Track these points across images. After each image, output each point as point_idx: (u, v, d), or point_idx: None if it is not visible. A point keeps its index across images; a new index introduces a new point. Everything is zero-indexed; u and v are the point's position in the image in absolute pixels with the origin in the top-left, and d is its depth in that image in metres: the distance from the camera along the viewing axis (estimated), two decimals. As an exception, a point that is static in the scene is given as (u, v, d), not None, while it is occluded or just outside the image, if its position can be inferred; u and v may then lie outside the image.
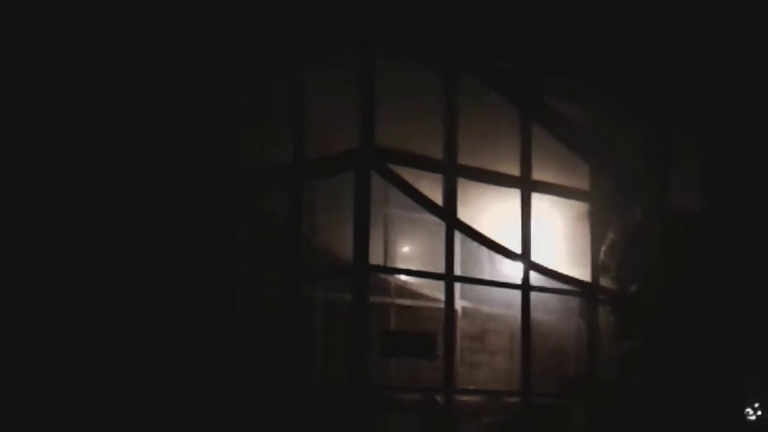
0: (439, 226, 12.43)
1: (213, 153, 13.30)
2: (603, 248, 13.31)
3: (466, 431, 12.23)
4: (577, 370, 13.37)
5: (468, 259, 12.90)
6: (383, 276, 12.75)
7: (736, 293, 13.69)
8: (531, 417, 12.49)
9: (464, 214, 12.44)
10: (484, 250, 12.79)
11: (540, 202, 13.15)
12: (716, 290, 13.43)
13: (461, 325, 13.04)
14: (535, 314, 12.89)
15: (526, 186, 13.00)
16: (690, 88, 13.61)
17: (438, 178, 12.40)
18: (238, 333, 12.87)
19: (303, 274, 12.48)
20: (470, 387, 12.71)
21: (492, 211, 12.86)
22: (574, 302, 13.51)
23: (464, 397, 12.36)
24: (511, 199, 12.97)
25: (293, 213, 12.60)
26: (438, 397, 11.94)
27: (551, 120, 13.29)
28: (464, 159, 12.51)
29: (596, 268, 13.37)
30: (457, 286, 12.71)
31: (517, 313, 12.85)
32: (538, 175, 13.12)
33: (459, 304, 12.97)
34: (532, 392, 12.58)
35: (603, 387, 12.99)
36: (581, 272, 13.34)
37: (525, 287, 12.77)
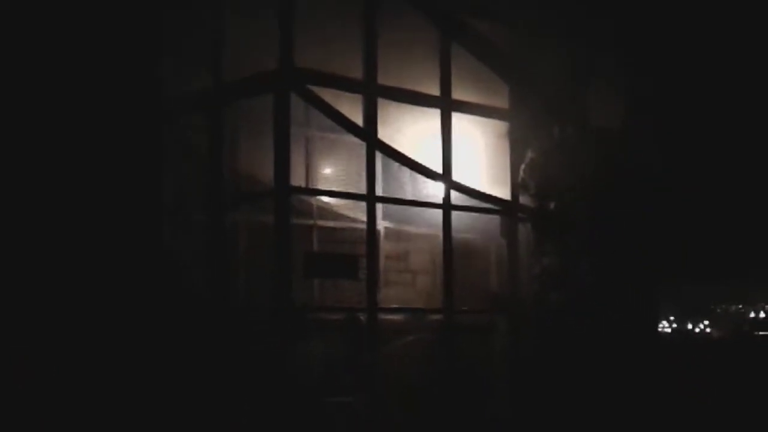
0: (360, 147, 12.40)
1: (134, 82, 13.03)
2: (522, 166, 13.43)
3: (390, 349, 12.37)
4: (499, 288, 13.58)
5: (389, 179, 12.90)
6: (305, 198, 12.71)
7: (656, 209, 14.00)
8: (454, 334, 12.68)
9: (385, 134, 12.43)
10: (406, 171, 12.81)
11: (460, 122, 13.17)
12: (635, 206, 13.70)
13: (384, 245, 13.09)
14: (457, 233, 13.00)
15: (446, 105, 13.00)
16: (609, 5, 13.70)
17: (358, 98, 12.32)
18: (166, 262, 12.78)
19: (226, 199, 12.39)
20: (393, 306, 12.81)
21: (412, 131, 12.84)
22: (495, 221, 13.65)
23: (388, 316, 12.47)
24: (432, 118, 12.96)
25: (214, 138, 12.46)
26: (362, 317, 12.04)
27: (471, 39, 13.26)
28: (384, 79, 12.44)
29: (516, 187, 13.50)
30: (379, 206, 12.73)
31: (439, 232, 12.95)
32: (458, 94, 13.12)
33: (381, 224, 13.00)
34: (455, 310, 12.76)
35: (525, 303, 13.23)
36: (502, 191, 13.46)
37: (446, 206, 12.86)
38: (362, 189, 12.30)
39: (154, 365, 12.18)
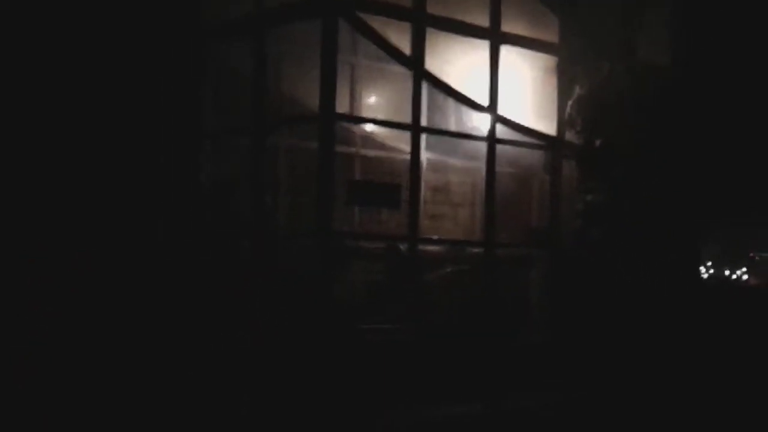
0: (406, 77, 12.29)
1: (172, 5, 12.97)
2: (570, 102, 13.28)
3: (429, 279, 12.41)
4: (540, 223, 13.54)
5: (434, 110, 12.85)
6: (349, 126, 12.70)
7: (703, 149, 13.85)
8: (494, 266, 12.68)
9: (432, 65, 12.28)
10: (451, 102, 12.74)
11: (508, 55, 12.98)
12: (681, 145, 13.56)
13: (426, 176, 13.08)
14: (500, 167, 12.93)
15: (496, 38, 12.81)
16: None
17: (406, 27, 12.17)
18: (206, 190, 12.85)
19: (268, 124, 12.38)
20: (434, 237, 12.82)
21: (460, 63, 12.69)
22: (538, 156, 13.57)
23: (428, 247, 12.50)
24: (480, 50, 12.79)
25: (257, 63, 12.39)
26: (401, 246, 12.06)
27: (522, -29, 13.06)
28: (433, 8, 12.28)
29: (562, 122, 13.37)
30: (423, 137, 12.64)
31: (482, 165, 12.89)
32: (507, 26, 12.91)
33: (424, 155, 12.96)
34: (495, 243, 12.75)
35: (566, 239, 13.19)
36: (547, 126, 13.33)
37: (491, 140, 12.77)
38: (407, 119, 12.22)
39: (191, 285, 12.30)
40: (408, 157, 12.25)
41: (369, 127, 12.99)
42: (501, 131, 12.88)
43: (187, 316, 12.07)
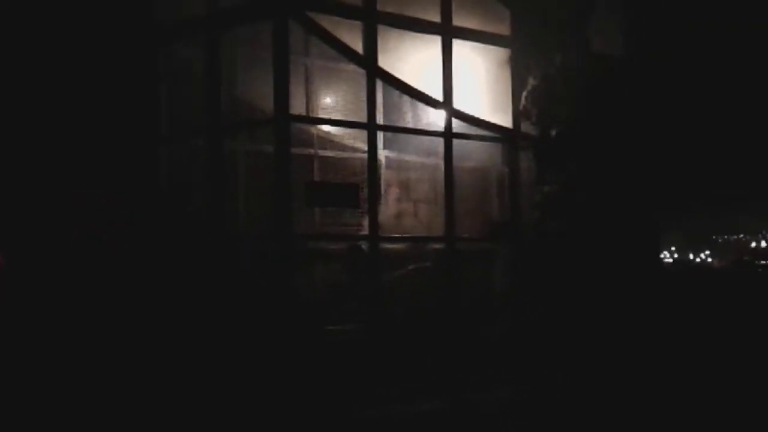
0: (360, 76, 12.28)
1: (127, 8, 12.85)
2: (524, 94, 13.30)
3: (392, 277, 12.38)
4: (500, 216, 13.55)
5: (390, 108, 12.80)
6: (305, 127, 12.63)
7: (658, 138, 13.92)
8: (456, 261, 12.68)
9: (385, 62, 12.29)
10: (406, 99, 12.72)
11: (461, 49, 13.01)
12: (636, 134, 13.63)
13: (385, 174, 13.05)
14: (458, 162, 12.93)
15: (447, 32, 12.83)
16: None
17: (357, 25, 12.17)
18: (163, 192, 12.74)
19: (223, 127, 12.30)
20: (395, 235, 12.80)
21: (413, 59, 12.69)
22: (496, 149, 13.58)
23: (389, 245, 12.45)
24: (432, 46, 12.81)
25: (211, 65, 12.32)
26: (363, 246, 12.03)
27: (472, -36, 13.06)
28: (384, 5, 12.29)
29: (517, 114, 13.39)
30: (380, 135, 12.64)
31: (440, 161, 12.88)
32: (459, 21, 12.93)
33: (382, 154, 12.94)
34: (456, 237, 12.74)
35: (526, 231, 13.21)
36: (503, 118, 13.35)
37: (447, 135, 12.77)
38: (363, 118, 12.21)
39: (152, 288, 12.18)
40: (366, 156, 12.22)
41: (326, 128, 12.93)
42: (457, 125, 12.91)
43: (147, 317, 11.97)
